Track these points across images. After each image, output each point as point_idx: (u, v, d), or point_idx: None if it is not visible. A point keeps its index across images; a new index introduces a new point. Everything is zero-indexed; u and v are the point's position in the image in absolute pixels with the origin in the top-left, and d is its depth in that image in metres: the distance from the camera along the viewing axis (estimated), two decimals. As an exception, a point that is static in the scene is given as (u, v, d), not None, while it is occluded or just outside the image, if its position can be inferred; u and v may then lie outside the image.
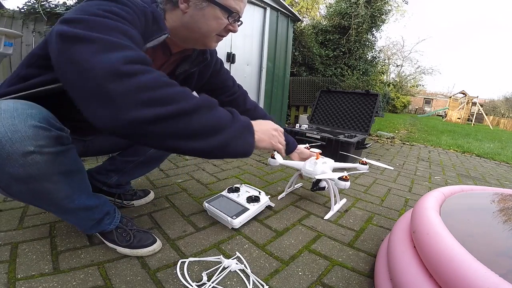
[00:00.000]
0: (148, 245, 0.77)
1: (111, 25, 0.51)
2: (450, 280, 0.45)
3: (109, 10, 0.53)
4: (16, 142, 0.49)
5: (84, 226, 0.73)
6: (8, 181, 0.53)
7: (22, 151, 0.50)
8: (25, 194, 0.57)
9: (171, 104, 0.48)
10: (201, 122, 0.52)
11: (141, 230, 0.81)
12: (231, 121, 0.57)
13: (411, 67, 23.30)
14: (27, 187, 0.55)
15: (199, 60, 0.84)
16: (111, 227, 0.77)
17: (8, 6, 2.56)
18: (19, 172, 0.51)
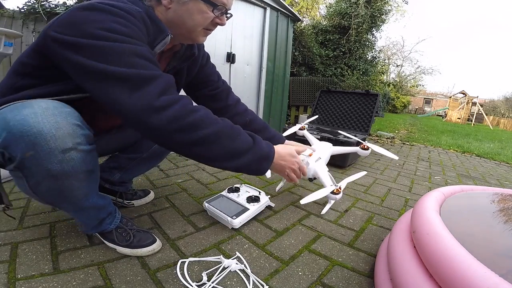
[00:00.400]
0: (148, 245, 0.77)
1: (127, 50, 0.53)
2: (450, 280, 0.45)
3: (113, 29, 0.52)
4: (58, 138, 0.52)
5: (89, 225, 0.74)
6: (41, 177, 0.54)
7: (62, 147, 0.53)
8: (51, 191, 0.58)
9: (196, 131, 0.58)
10: (220, 148, 0.62)
11: (141, 230, 0.81)
12: (250, 148, 0.67)
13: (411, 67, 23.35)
14: (57, 184, 0.57)
15: (187, 56, 0.83)
16: (111, 227, 0.77)
17: (8, 6, 2.56)
18: (56, 168, 0.54)
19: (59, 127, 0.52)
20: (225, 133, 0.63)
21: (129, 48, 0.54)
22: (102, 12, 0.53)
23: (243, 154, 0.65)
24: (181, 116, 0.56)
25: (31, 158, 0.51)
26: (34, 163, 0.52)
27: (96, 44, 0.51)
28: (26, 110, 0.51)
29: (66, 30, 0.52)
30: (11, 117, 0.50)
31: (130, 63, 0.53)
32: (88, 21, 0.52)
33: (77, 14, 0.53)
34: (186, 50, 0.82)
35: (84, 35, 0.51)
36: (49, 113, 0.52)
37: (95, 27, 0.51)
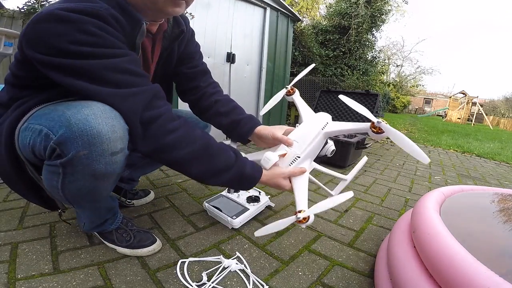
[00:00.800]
0: (148, 245, 0.77)
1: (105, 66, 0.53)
2: (450, 280, 0.45)
3: (83, 42, 0.51)
4: (112, 141, 0.54)
5: (93, 224, 0.75)
6: (82, 176, 0.55)
7: (113, 150, 0.55)
8: (82, 190, 0.59)
9: (171, 153, 0.60)
10: (198, 168, 0.63)
11: (141, 230, 0.81)
12: (231, 167, 0.66)
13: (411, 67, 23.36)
14: (93, 184, 0.58)
15: (176, 34, 0.78)
16: (112, 227, 0.78)
17: (8, 6, 2.56)
18: (101, 169, 0.55)
19: (114, 130, 0.54)
20: (201, 154, 0.63)
21: (109, 64, 0.53)
22: (66, 22, 0.50)
23: (222, 172, 0.65)
24: (158, 136, 0.58)
25: (83, 157, 0.52)
26: (84, 162, 0.53)
27: (73, 63, 0.51)
28: (86, 110, 0.51)
29: (39, 48, 0.51)
30: (71, 114, 0.51)
31: (108, 80, 0.54)
32: (56, 35, 0.50)
33: (42, 27, 0.50)
34: (174, 28, 0.77)
35: (58, 53, 0.50)
36: (107, 115, 0.53)
37: (64, 42, 0.50)
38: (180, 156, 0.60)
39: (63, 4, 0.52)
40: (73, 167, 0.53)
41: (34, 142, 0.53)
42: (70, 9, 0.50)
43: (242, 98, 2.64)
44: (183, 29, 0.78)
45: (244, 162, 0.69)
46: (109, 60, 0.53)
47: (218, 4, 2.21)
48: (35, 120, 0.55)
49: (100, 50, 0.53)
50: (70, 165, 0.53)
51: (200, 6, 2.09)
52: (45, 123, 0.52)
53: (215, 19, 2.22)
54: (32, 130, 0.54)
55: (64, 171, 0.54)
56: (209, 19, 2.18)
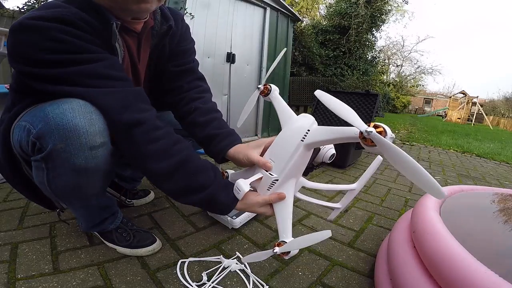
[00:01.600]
0: (148, 245, 0.77)
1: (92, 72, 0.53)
2: (450, 280, 0.45)
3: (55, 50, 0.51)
4: (90, 134, 0.53)
5: (89, 223, 0.75)
6: (64, 171, 0.56)
7: (91, 144, 0.54)
8: (68, 186, 0.59)
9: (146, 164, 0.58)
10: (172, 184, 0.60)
11: (141, 230, 0.81)
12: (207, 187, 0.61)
13: (411, 67, 23.31)
14: (76, 180, 0.58)
15: (164, 30, 0.73)
16: (112, 227, 0.78)
17: (8, 6, 2.56)
18: (80, 163, 0.55)
19: (92, 123, 0.53)
20: (176, 170, 0.59)
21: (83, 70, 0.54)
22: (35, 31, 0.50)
23: (194, 193, 0.61)
24: (139, 143, 0.57)
25: (60, 150, 0.52)
26: (62, 156, 0.53)
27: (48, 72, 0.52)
28: (65, 105, 0.52)
29: (16, 58, 0.52)
30: (50, 109, 0.52)
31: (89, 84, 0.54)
32: (28, 45, 0.50)
33: (14, 38, 0.51)
34: (162, 24, 0.73)
35: (32, 62, 0.51)
36: (85, 110, 0.53)
37: (36, 51, 0.50)
38: (155, 169, 0.58)
39: (32, 12, 0.52)
40: (53, 162, 0.54)
41: (21, 138, 0.55)
42: (36, 17, 0.50)
43: (242, 98, 2.64)
44: (171, 24, 0.72)
45: (220, 188, 0.62)
46: (83, 66, 0.53)
47: (218, 4, 2.21)
48: (23, 118, 0.56)
49: (72, 56, 0.53)
50: (51, 160, 0.53)
51: (200, 6, 2.09)
52: (28, 119, 0.54)
53: (215, 19, 2.22)
54: (20, 127, 0.55)
55: (47, 166, 0.55)
56: (209, 19, 2.17)
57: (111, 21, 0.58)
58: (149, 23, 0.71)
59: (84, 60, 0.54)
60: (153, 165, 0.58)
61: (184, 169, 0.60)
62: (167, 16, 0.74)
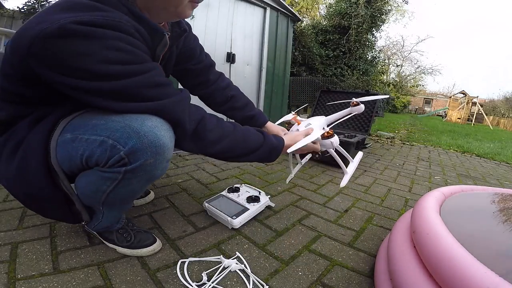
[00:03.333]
0: (148, 245, 0.77)
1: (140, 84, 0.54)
2: (450, 280, 0.45)
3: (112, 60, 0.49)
4: (170, 150, 0.60)
5: (107, 223, 0.75)
6: (137, 181, 0.59)
7: (169, 157, 0.61)
8: (128, 193, 0.64)
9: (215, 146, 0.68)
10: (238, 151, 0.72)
11: (141, 230, 0.81)
12: (261, 145, 0.75)
13: (411, 67, 23.32)
14: (142, 187, 0.64)
15: (177, 33, 0.77)
16: (118, 226, 0.78)
17: (8, 6, 2.56)
18: (157, 174, 0.61)
19: (172, 140, 0.60)
20: (238, 140, 0.72)
21: (144, 81, 0.54)
22: (89, 39, 0.46)
23: (256, 150, 0.75)
24: (202, 135, 0.66)
25: (149, 165, 0.57)
26: (147, 169, 0.57)
27: (104, 86, 0.50)
28: (149, 122, 0.55)
29: (64, 70, 0.47)
30: (138, 126, 0.54)
31: (148, 97, 0.56)
32: (80, 55, 0.46)
33: (59, 46, 0.45)
34: (174, 28, 0.76)
35: (89, 76, 0.48)
36: (165, 127, 0.58)
37: (92, 62, 0.47)
38: (223, 147, 0.69)
39: (75, 16, 0.46)
40: (134, 173, 0.57)
41: (92, 153, 0.54)
42: (88, 23, 0.46)
43: (242, 98, 2.64)
44: (184, 28, 0.78)
45: (270, 137, 0.79)
46: (141, 76, 0.54)
47: (218, 4, 2.21)
48: (84, 130, 0.55)
49: (132, 67, 0.52)
50: (133, 172, 0.56)
51: (200, 6, 2.08)
52: (107, 134, 0.53)
53: (215, 19, 2.22)
54: (88, 141, 0.54)
55: (124, 177, 0.57)
56: (209, 19, 2.18)
57: (164, 32, 0.64)
58: (164, 27, 0.73)
59: (142, 70, 0.54)
60: (221, 145, 0.68)
61: (243, 138, 0.73)
62: (179, 21, 0.78)
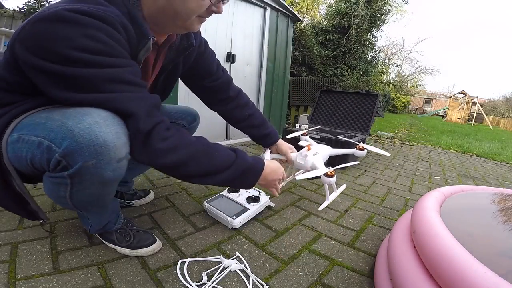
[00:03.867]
0: (148, 245, 0.77)
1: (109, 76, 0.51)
2: (450, 280, 0.45)
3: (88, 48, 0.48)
4: (118, 147, 0.53)
5: (98, 225, 0.75)
6: (91, 184, 0.55)
7: (119, 156, 0.54)
8: (92, 197, 0.60)
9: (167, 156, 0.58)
10: (197, 167, 0.63)
11: (141, 230, 0.81)
12: (232, 164, 0.67)
13: (411, 67, 23.37)
14: (102, 190, 0.59)
15: (184, 46, 0.77)
16: (115, 227, 0.78)
17: (8, 6, 2.56)
18: (109, 176, 0.55)
19: (119, 136, 0.53)
20: (200, 153, 0.63)
21: (111, 74, 0.51)
22: (73, 24, 0.46)
23: (224, 169, 0.67)
24: (154, 143, 0.57)
25: (91, 167, 0.51)
26: (92, 171, 0.52)
27: (74, 72, 0.48)
28: (88, 118, 0.50)
29: (37, 50, 0.47)
30: (73, 124, 0.49)
31: (105, 90, 0.52)
32: (58, 39, 0.46)
33: (43, 28, 0.46)
34: (183, 40, 0.76)
35: (58, 59, 0.47)
36: (109, 122, 0.52)
37: (68, 47, 0.46)
38: (178, 159, 0.59)
39: (71, 4, 0.48)
40: (81, 177, 0.52)
41: (34, 155, 0.51)
42: (78, 11, 0.47)
43: (242, 98, 2.64)
44: (192, 42, 0.77)
45: (244, 156, 0.71)
46: (111, 69, 0.51)
47: (218, 4, 2.22)
48: (27, 130, 0.52)
49: (105, 59, 0.50)
50: (78, 176, 0.52)
51: (200, 6, 2.08)
52: (44, 134, 0.50)
53: (215, 19, 2.22)
54: (29, 142, 0.51)
55: (72, 182, 0.53)
56: (209, 19, 2.17)
57: (149, 36, 0.60)
58: (172, 37, 0.73)
59: (115, 64, 0.52)
60: (173, 156, 0.59)
61: (206, 151, 0.65)
62: (189, 34, 0.77)
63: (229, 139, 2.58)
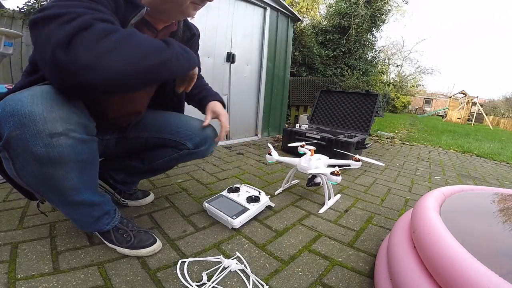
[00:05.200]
0: (148, 246, 0.77)
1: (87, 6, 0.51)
2: (450, 280, 0.45)
3: None
4: (48, 121, 0.51)
5: (82, 222, 0.73)
6: (25, 160, 0.53)
7: (51, 131, 0.51)
8: (36, 177, 0.57)
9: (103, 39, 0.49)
10: (131, 49, 0.51)
11: (141, 230, 0.81)
12: (164, 48, 0.58)
13: (411, 67, 23.39)
14: (41, 170, 0.55)
15: (187, 37, 0.80)
16: (108, 228, 0.76)
17: (8, 6, 2.56)
18: (40, 151, 0.52)
19: (52, 110, 0.51)
20: (132, 38, 0.53)
21: (74, 4, 0.50)
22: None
23: (159, 51, 0.57)
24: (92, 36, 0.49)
25: (17, 138, 0.50)
26: (20, 144, 0.51)
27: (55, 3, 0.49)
28: (25, 92, 0.51)
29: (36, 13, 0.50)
30: (10, 97, 0.51)
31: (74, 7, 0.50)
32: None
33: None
34: (185, 31, 0.80)
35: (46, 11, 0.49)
36: (45, 96, 0.51)
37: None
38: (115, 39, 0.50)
39: None
40: (14, 150, 0.52)
41: None
42: None
43: (242, 98, 2.64)
44: (194, 32, 0.81)
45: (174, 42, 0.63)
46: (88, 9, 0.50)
47: (218, 4, 2.21)
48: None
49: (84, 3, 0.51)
50: (11, 148, 0.52)
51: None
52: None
53: (215, 19, 2.22)
54: None
55: (9, 155, 0.54)
56: (209, 19, 2.17)
57: (142, 6, 0.63)
58: (171, 27, 0.78)
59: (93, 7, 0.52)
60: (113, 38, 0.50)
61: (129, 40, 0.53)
62: (190, 25, 0.83)
63: (229, 139, 2.58)
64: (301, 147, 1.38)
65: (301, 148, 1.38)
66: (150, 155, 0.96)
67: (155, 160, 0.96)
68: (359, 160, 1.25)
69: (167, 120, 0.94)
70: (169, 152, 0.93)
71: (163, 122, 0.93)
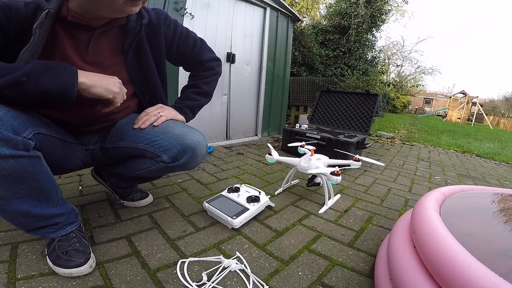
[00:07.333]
0: (70, 267, 0.66)
1: None
2: (450, 280, 0.45)
3: None
4: None
5: (22, 228, 0.69)
6: None
7: None
8: None
9: None
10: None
11: (78, 249, 0.70)
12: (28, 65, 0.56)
13: (411, 67, 23.40)
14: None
15: (138, 28, 0.76)
16: (53, 236, 0.70)
17: (8, 6, 2.56)
18: None
19: None
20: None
21: None
22: None
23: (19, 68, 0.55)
24: None
25: None
26: None
27: None
28: None
29: None
30: None
31: None
32: None
33: None
34: (138, 21, 0.77)
35: None
36: None
37: None
38: None
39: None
40: None
41: None
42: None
43: (242, 98, 2.64)
44: (142, 22, 0.76)
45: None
46: None
47: (218, 4, 2.21)
48: None
49: None
50: None
51: (200, 6, 2.09)
52: None
53: (215, 19, 2.22)
54: None
55: None
56: (209, 19, 2.17)
57: (44, 6, 0.61)
58: (118, 22, 0.75)
59: None
60: None
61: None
62: (142, 13, 0.78)
63: (229, 139, 2.58)
64: (301, 147, 1.38)
65: (301, 148, 1.38)
66: (132, 164, 0.89)
67: (137, 170, 0.88)
68: (359, 160, 1.25)
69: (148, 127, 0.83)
70: (147, 164, 0.84)
71: (141, 130, 0.82)
